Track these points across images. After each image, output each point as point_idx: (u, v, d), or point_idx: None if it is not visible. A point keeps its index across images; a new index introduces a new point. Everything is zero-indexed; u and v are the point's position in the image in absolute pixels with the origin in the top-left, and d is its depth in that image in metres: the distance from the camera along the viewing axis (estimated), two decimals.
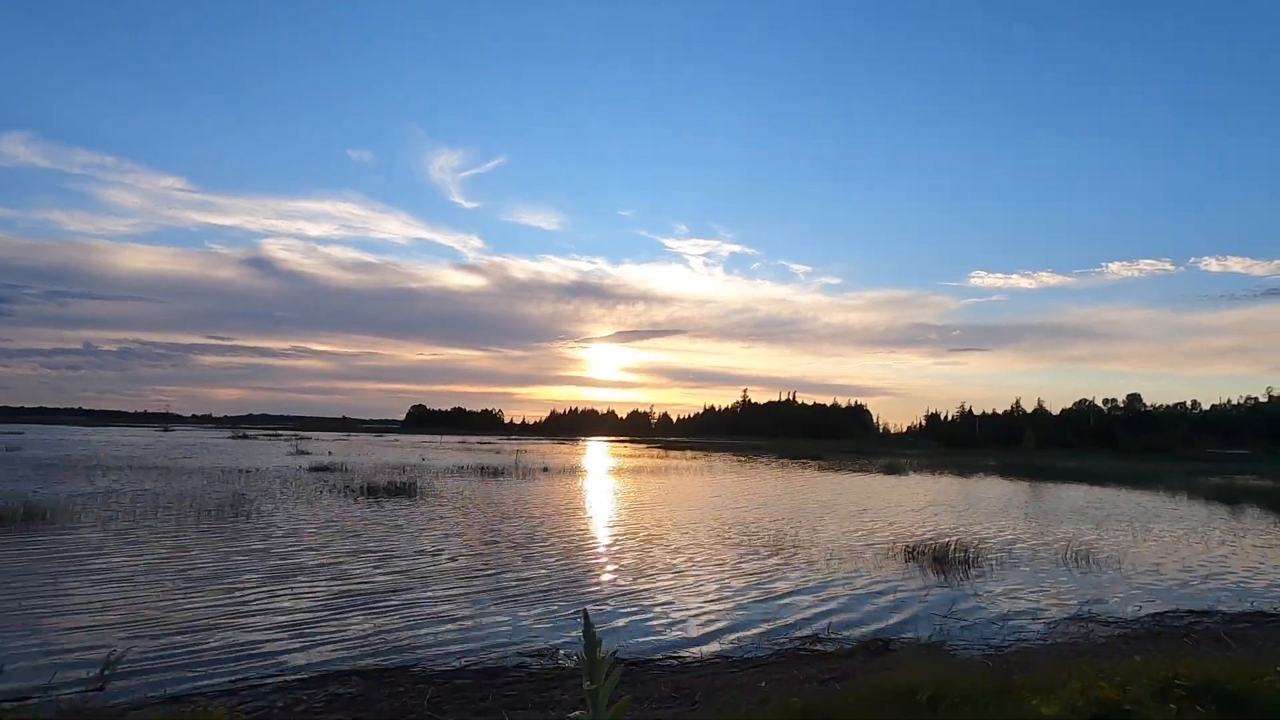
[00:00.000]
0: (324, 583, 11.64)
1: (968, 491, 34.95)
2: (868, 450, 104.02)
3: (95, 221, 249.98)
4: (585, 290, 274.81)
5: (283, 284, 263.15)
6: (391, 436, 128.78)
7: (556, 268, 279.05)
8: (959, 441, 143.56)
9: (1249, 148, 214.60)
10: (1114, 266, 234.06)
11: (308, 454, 54.23)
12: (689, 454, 77.80)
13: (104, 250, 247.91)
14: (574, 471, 42.88)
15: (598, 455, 71.03)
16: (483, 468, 42.06)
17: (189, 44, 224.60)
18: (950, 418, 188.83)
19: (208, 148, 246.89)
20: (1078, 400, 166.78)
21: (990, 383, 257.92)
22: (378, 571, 12.61)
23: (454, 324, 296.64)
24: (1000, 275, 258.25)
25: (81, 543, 14.52)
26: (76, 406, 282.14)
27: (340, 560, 13.51)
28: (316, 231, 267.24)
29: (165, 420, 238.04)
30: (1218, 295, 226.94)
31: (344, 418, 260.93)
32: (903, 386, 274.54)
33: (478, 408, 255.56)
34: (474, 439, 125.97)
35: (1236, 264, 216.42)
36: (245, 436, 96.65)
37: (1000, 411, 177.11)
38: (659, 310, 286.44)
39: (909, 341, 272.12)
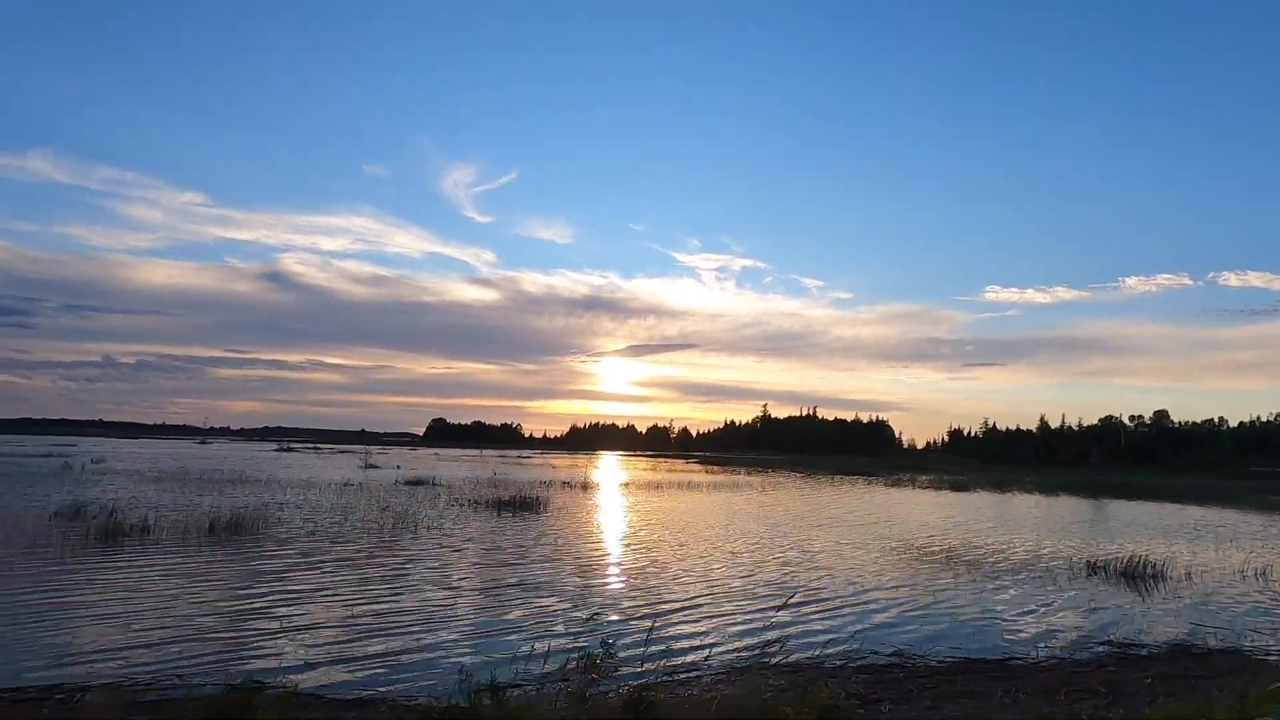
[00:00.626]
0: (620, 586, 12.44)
1: (1070, 510, 35.41)
2: (899, 465, 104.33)
3: (116, 236, 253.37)
4: (597, 304, 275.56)
5: (298, 297, 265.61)
6: (426, 450, 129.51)
7: (569, 281, 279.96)
8: (994, 458, 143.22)
9: (1269, 160, 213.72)
10: (1131, 281, 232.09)
11: (378, 467, 55.11)
12: (736, 470, 78.18)
13: (124, 264, 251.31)
14: (656, 486, 43.48)
15: (647, 470, 71.54)
16: (566, 482, 42.82)
17: (208, 62, 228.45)
18: (973, 433, 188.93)
19: (226, 163, 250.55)
20: (1103, 417, 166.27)
21: (1004, 398, 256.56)
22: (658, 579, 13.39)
23: (466, 337, 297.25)
24: (1015, 290, 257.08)
25: (345, 553, 15.42)
26: (97, 418, 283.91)
27: (593, 568, 14.33)
28: (332, 245, 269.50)
29: (184, 433, 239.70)
30: (1237, 310, 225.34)
31: (362, 430, 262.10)
32: (916, 401, 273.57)
33: (491, 421, 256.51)
34: (511, 453, 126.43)
35: (1257, 279, 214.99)
36: (290, 449, 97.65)
37: (1024, 428, 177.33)
38: (670, 324, 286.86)
39: (922, 356, 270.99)
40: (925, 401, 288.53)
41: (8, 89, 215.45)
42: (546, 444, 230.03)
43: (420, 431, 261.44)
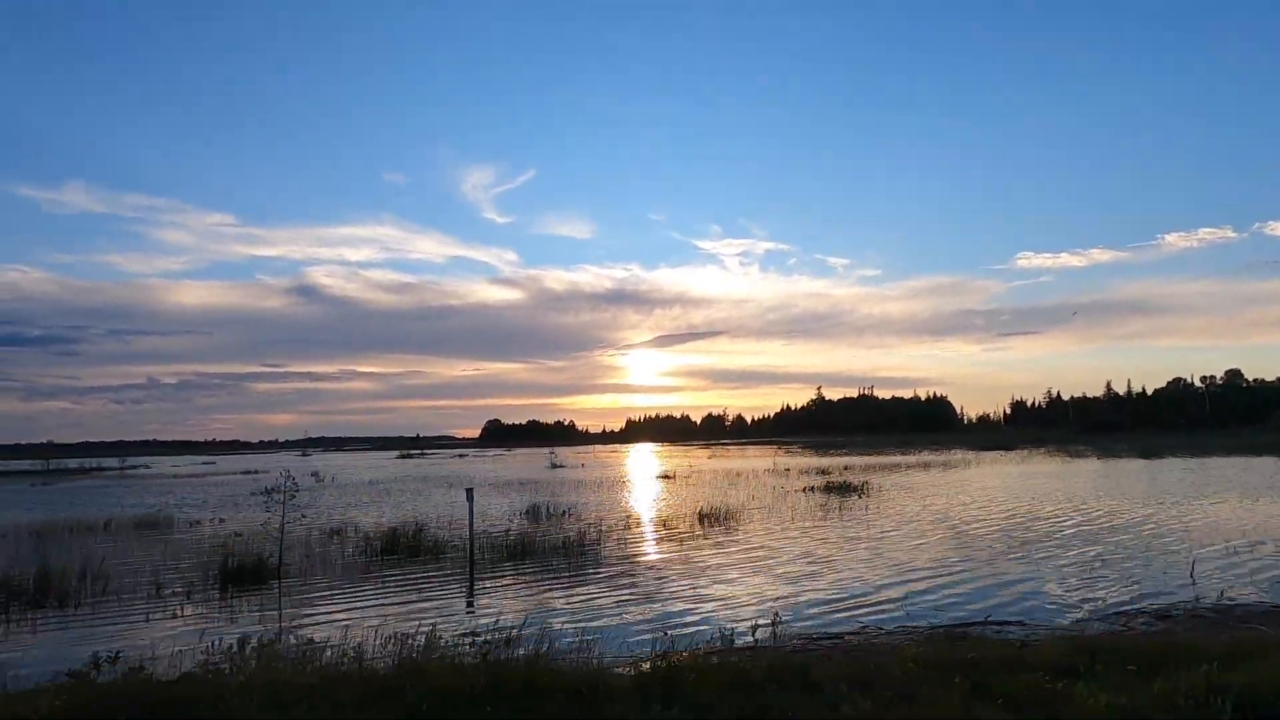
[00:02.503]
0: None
1: None
2: (995, 441, 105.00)
3: (150, 261, 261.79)
4: (621, 297, 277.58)
5: (328, 309, 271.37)
6: (495, 451, 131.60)
7: (591, 276, 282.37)
8: (1094, 425, 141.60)
9: None
10: (1171, 238, 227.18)
11: (564, 466, 57.35)
12: (864, 452, 79.47)
13: (160, 288, 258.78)
14: (880, 469, 45.20)
15: (783, 457, 73.15)
16: (820, 470, 44.70)
17: (226, 84, 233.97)
18: (1036, 403, 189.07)
19: (250, 182, 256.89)
20: (1171, 379, 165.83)
21: (1042, 366, 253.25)
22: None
23: (493, 338, 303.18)
24: (1048, 255, 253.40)
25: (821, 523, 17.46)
26: (150, 439, 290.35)
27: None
28: (357, 256, 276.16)
29: (235, 448, 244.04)
30: None
31: (418, 435, 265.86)
32: (950, 376, 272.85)
33: (520, 419, 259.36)
34: (603, 448, 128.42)
35: None
36: (414, 455, 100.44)
37: (1090, 394, 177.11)
38: (696, 313, 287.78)
39: (954, 329, 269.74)
40: (959, 375, 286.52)
41: (43, 124, 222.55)
42: (605, 438, 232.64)
43: (458, 434, 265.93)
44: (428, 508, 25.90)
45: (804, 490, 29.51)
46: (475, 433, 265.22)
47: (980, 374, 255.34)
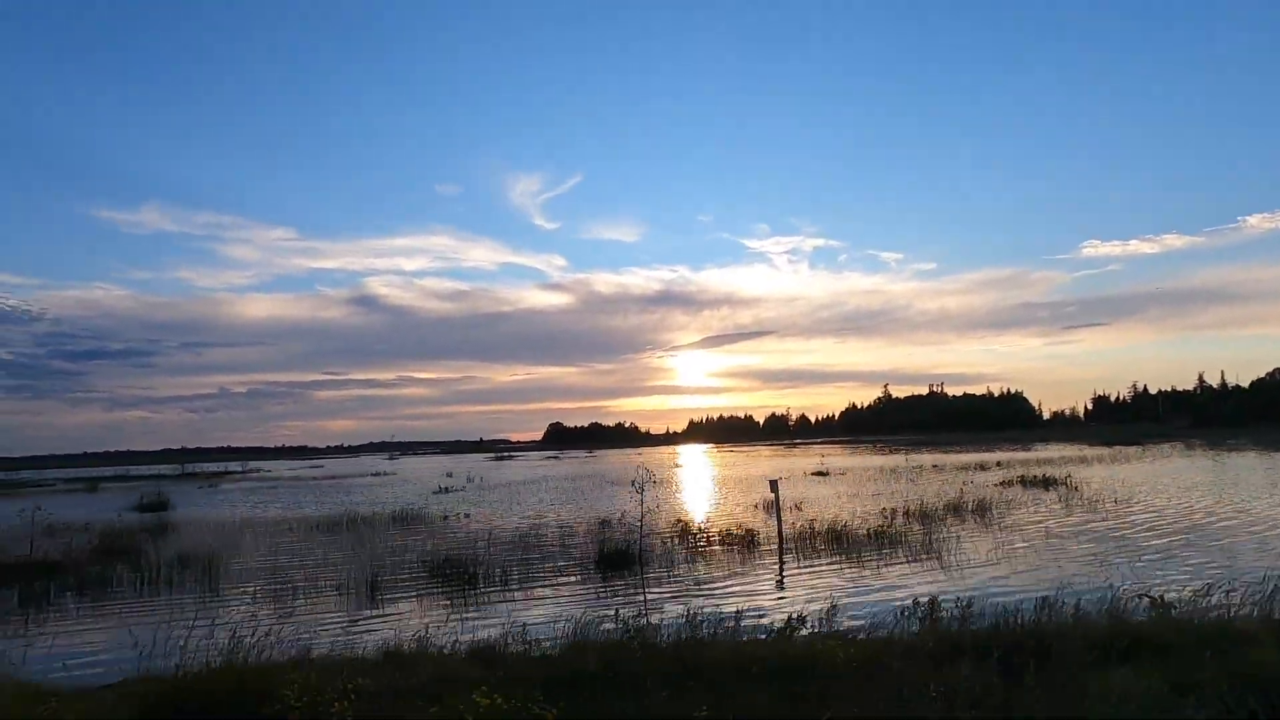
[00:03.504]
0: None
1: None
2: (1063, 436, 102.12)
3: (219, 276, 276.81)
4: (669, 299, 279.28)
5: (385, 318, 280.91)
6: (573, 454, 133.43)
7: (639, 279, 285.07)
8: (1204, 420, 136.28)
9: None
10: (1252, 220, 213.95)
11: (682, 466, 58.43)
12: (968, 449, 78.35)
13: (228, 302, 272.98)
14: (1044, 463, 44.89)
15: (890, 455, 72.83)
16: (984, 463, 44.75)
17: (283, 105, 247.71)
18: (1121, 398, 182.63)
19: (310, 198, 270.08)
20: (1272, 370, 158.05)
21: (1112, 360, 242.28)
22: None
23: (543, 342, 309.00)
24: (1117, 243, 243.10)
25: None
26: (225, 445, 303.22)
27: None
28: (412, 266, 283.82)
29: (303, 454, 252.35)
30: None
31: (480, 439, 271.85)
32: (1011, 371, 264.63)
33: (569, 423, 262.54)
34: (674, 449, 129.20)
35: None
36: (506, 458, 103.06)
37: (1179, 388, 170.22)
38: (744, 313, 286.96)
39: (1015, 323, 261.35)
40: (1022, 371, 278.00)
41: (122, 151, 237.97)
42: (667, 440, 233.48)
43: (511, 437, 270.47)
44: (622, 504, 27.00)
45: (1001, 484, 29.71)
46: (529, 436, 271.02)
47: (1043, 368, 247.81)
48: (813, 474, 40.81)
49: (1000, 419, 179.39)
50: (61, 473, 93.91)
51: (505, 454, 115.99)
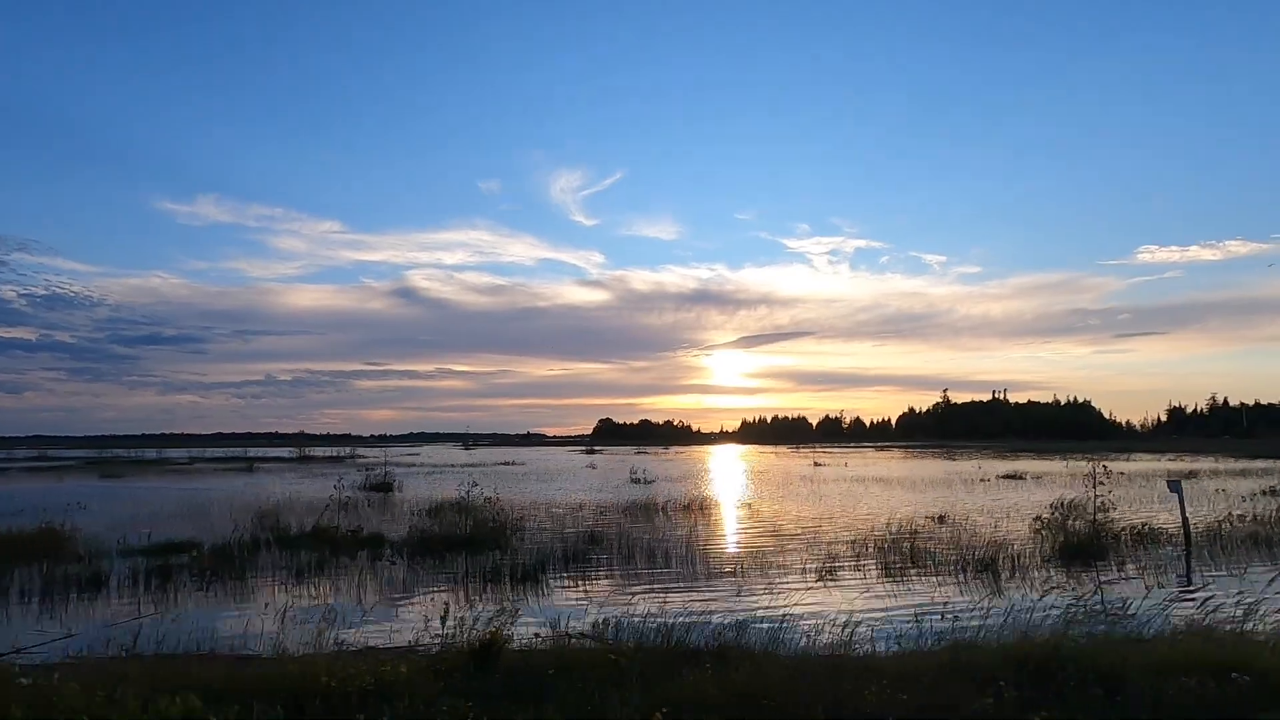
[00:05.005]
0: None
1: None
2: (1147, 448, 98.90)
3: (269, 267, 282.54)
4: (706, 297, 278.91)
5: (425, 311, 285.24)
6: (652, 449, 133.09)
7: (676, 277, 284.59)
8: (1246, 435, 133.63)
9: None
10: None
11: (824, 465, 57.99)
12: (1076, 456, 76.35)
13: (277, 291, 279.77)
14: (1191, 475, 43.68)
15: (1007, 460, 71.30)
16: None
17: (335, 101, 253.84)
18: (1199, 409, 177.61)
19: (357, 192, 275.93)
20: None
21: (1168, 370, 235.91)
22: None
23: (579, 338, 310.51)
24: (1175, 248, 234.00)
25: None
26: (272, 430, 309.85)
27: None
28: (453, 260, 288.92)
29: (346, 442, 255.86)
30: None
31: (528, 433, 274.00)
32: (1057, 380, 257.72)
33: (615, 418, 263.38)
34: (770, 449, 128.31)
35: None
36: (596, 451, 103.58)
37: (1266, 401, 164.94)
38: (782, 313, 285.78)
39: (1063, 330, 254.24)
40: (1070, 380, 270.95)
41: (181, 145, 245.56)
42: (726, 438, 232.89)
43: (546, 431, 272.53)
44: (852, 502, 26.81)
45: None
46: (563, 432, 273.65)
47: (1092, 378, 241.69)
48: (1002, 477, 40.04)
49: (1072, 428, 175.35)
50: (148, 452, 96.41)
51: (593, 449, 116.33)
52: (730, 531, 19.52)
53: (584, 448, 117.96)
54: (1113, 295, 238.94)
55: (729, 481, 38.91)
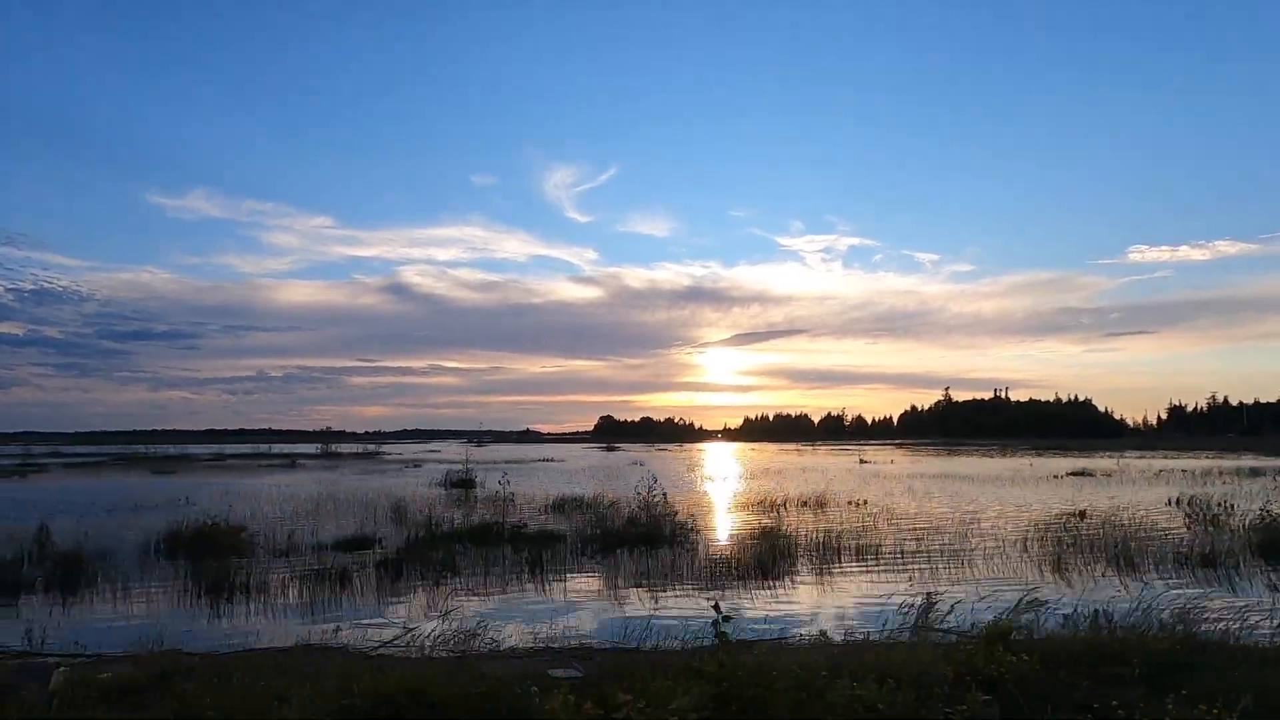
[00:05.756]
0: None
1: None
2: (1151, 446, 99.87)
3: (260, 262, 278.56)
4: (699, 295, 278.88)
5: (418, 307, 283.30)
6: (663, 445, 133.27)
7: (670, 274, 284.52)
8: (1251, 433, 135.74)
9: None
10: None
11: (870, 462, 58.18)
12: (1096, 455, 77.07)
13: (269, 287, 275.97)
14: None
15: (1049, 457, 71.74)
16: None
17: (326, 94, 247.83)
18: (1199, 408, 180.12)
19: (349, 187, 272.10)
20: None
21: (1156, 369, 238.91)
22: None
23: (572, 335, 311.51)
24: (1165, 248, 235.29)
25: None
26: (266, 427, 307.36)
27: None
28: (445, 256, 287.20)
29: (335, 438, 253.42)
30: None
31: (526, 430, 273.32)
32: (1048, 378, 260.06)
33: (607, 416, 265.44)
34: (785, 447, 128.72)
35: None
36: (617, 449, 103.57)
37: (1264, 400, 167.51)
38: (775, 311, 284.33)
39: (1055, 328, 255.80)
40: (1060, 378, 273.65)
41: (172, 137, 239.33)
42: (728, 436, 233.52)
43: (540, 429, 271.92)
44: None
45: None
46: (555, 428, 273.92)
47: (1083, 376, 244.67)
48: (1070, 474, 40.36)
49: (1077, 426, 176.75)
50: (140, 448, 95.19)
51: (613, 446, 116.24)
52: (908, 527, 19.35)
53: (601, 445, 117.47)
54: (1104, 294, 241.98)
55: (808, 479, 38.89)
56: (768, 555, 14.16)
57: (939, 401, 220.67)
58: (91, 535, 16.56)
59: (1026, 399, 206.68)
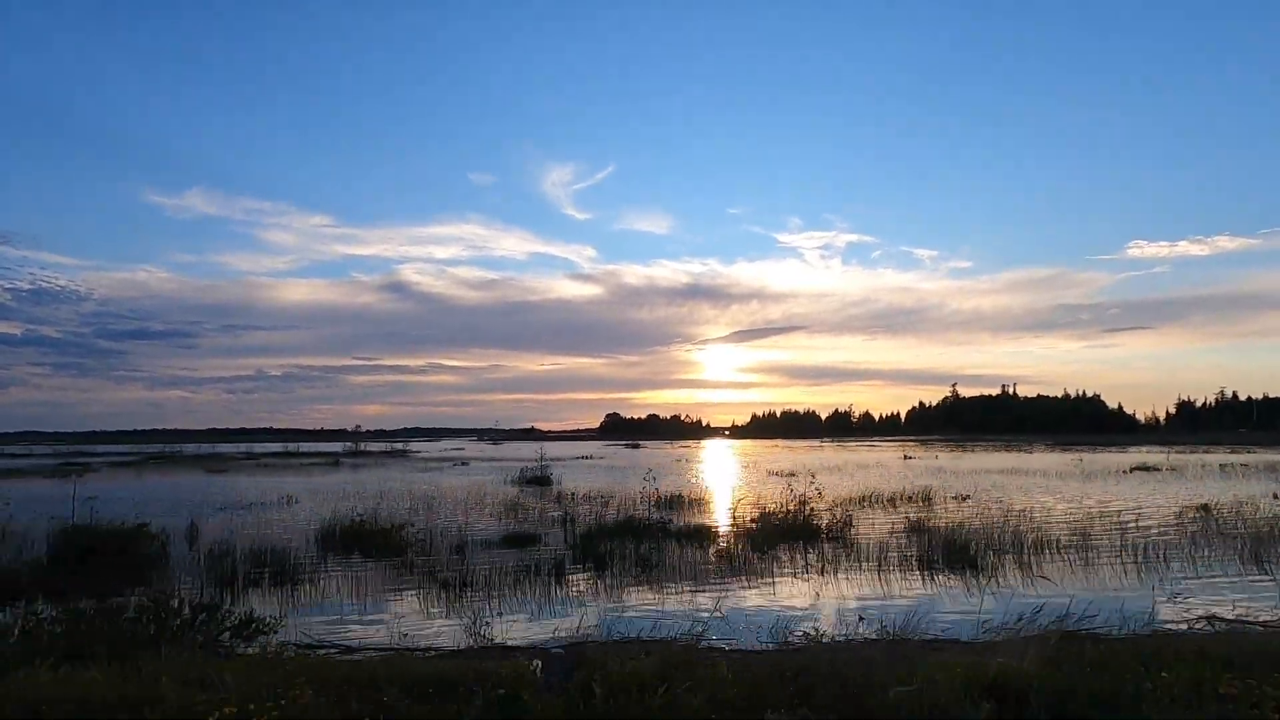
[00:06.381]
0: None
1: None
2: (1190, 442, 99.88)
3: (259, 261, 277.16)
4: (698, 292, 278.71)
5: (417, 305, 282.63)
6: (683, 443, 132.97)
7: (668, 271, 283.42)
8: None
9: None
10: None
11: (913, 458, 58.12)
12: (1128, 449, 77.25)
13: (267, 286, 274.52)
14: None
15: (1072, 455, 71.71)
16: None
17: (325, 93, 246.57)
18: (1207, 403, 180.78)
19: (348, 186, 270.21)
20: None
21: (1156, 364, 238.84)
22: None
23: (571, 333, 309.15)
24: (1164, 244, 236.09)
25: None
26: (267, 426, 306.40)
27: None
28: (444, 254, 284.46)
29: (333, 436, 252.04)
30: None
31: (531, 427, 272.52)
32: (1047, 374, 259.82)
33: (613, 413, 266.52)
34: (797, 444, 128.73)
35: None
36: (639, 446, 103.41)
37: (1272, 395, 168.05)
38: (774, 308, 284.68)
39: (1053, 324, 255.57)
40: (1059, 374, 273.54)
41: (170, 136, 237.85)
42: (739, 432, 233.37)
43: (540, 426, 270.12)
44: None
45: None
46: (555, 426, 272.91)
47: (1081, 372, 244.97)
48: (1134, 469, 40.37)
49: (1087, 421, 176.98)
50: (148, 447, 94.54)
51: (635, 443, 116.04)
52: (1074, 519, 19.11)
53: (623, 442, 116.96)
54: (1102, 290, 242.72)
55: (877, 475, 38.73)
56: (994, 545, 14.04)
57: (946, 397, 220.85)
58: (252, 533, 16.35)
59: (1034, 395, 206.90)
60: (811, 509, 17.45)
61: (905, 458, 57.87)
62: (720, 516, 20.78)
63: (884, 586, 11.96)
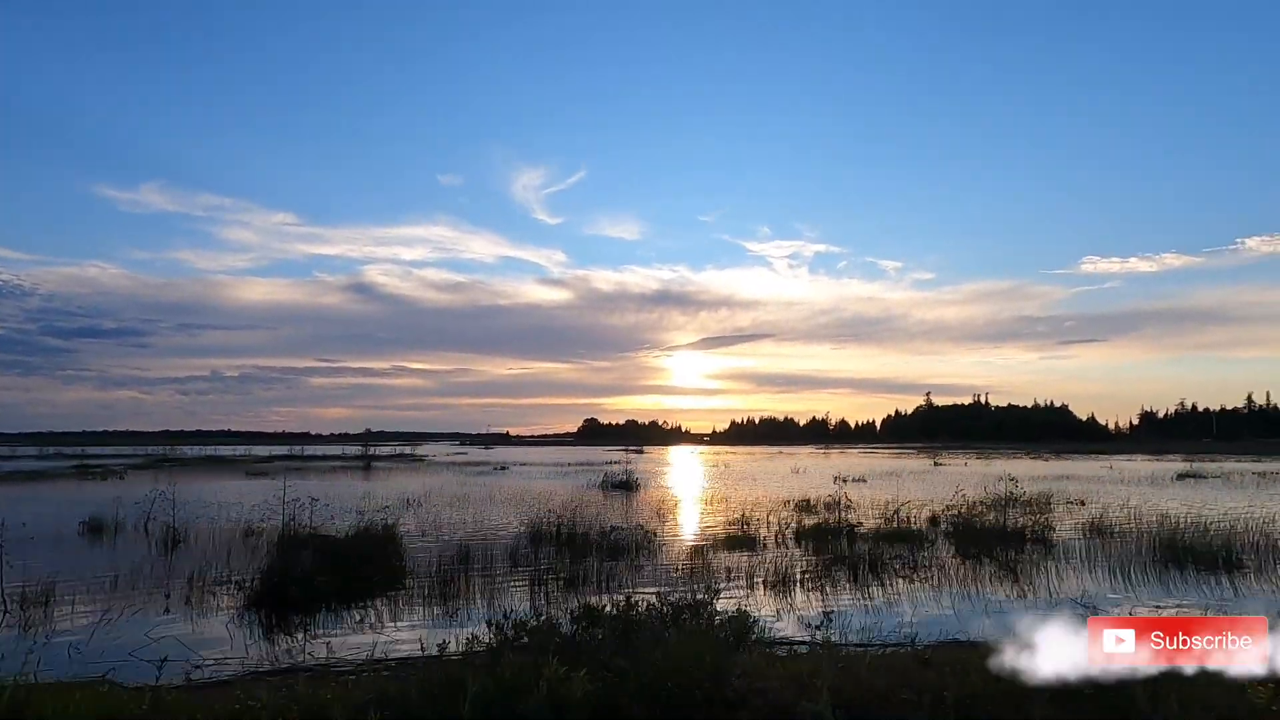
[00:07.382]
0: None
1: None
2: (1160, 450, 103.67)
3: (218, 259, 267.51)
4: (667, 299, 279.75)
5: (382, 307, 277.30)
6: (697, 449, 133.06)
7: (638, 277, 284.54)
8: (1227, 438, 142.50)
9: None
10: (1251, 242, 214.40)
11: (943, 465, 59.41)
12: (1131, 457, 79.58)
13: (226, 285, 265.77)
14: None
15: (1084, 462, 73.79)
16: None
17: (290, 88, 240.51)
18: (1168, 414, 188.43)
19: (313, 184, 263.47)
20: None
21: (1107, 376, 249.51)
22: None
23: (540, 338, 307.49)
24: (1115, 260, 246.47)
25: None
26: (224, 429, 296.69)
27: None
28: (411, 255, 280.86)
29: (298, 440, 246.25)
30: None
31: (506, 432, 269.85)
32: (1006, 384, 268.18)
33: (578, 418, 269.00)
34: (796, 449, 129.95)
35: None
36: (641, 452, 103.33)
37: (1229, 407, 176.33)
38: (743, 315, 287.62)
39: (1012, 336, 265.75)
40: (1017, 384, 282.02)
41: (124, 129, 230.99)
42: (719, 438, 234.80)
43: (509, 431, 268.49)
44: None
45: None
46: (522, 431, 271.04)
47: (1038, 383, 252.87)
48: (1181, 476, 41.83)
49: (1059, 431, 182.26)
50: (128, 450, 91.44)
51: (631, 448, 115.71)
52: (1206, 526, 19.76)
53: (631, 449, 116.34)
54: (1058, 303, 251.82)
55: (928, 482, 39.54)
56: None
57: (920, 406, 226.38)
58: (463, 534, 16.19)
59: (1005, 404, 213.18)
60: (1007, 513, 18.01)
61: (935, 464, 59.21)
62: (947, 522, 19.45)
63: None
